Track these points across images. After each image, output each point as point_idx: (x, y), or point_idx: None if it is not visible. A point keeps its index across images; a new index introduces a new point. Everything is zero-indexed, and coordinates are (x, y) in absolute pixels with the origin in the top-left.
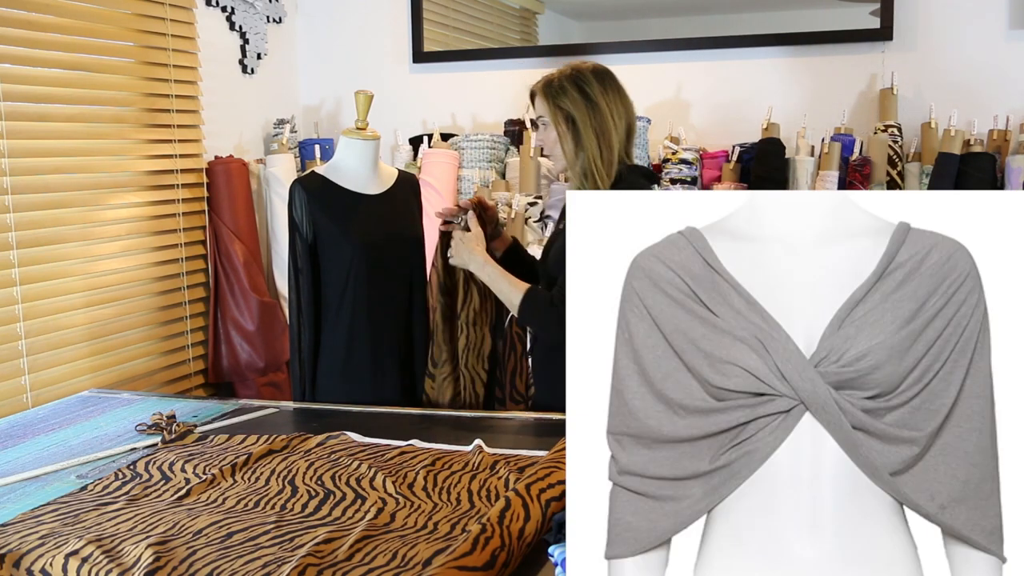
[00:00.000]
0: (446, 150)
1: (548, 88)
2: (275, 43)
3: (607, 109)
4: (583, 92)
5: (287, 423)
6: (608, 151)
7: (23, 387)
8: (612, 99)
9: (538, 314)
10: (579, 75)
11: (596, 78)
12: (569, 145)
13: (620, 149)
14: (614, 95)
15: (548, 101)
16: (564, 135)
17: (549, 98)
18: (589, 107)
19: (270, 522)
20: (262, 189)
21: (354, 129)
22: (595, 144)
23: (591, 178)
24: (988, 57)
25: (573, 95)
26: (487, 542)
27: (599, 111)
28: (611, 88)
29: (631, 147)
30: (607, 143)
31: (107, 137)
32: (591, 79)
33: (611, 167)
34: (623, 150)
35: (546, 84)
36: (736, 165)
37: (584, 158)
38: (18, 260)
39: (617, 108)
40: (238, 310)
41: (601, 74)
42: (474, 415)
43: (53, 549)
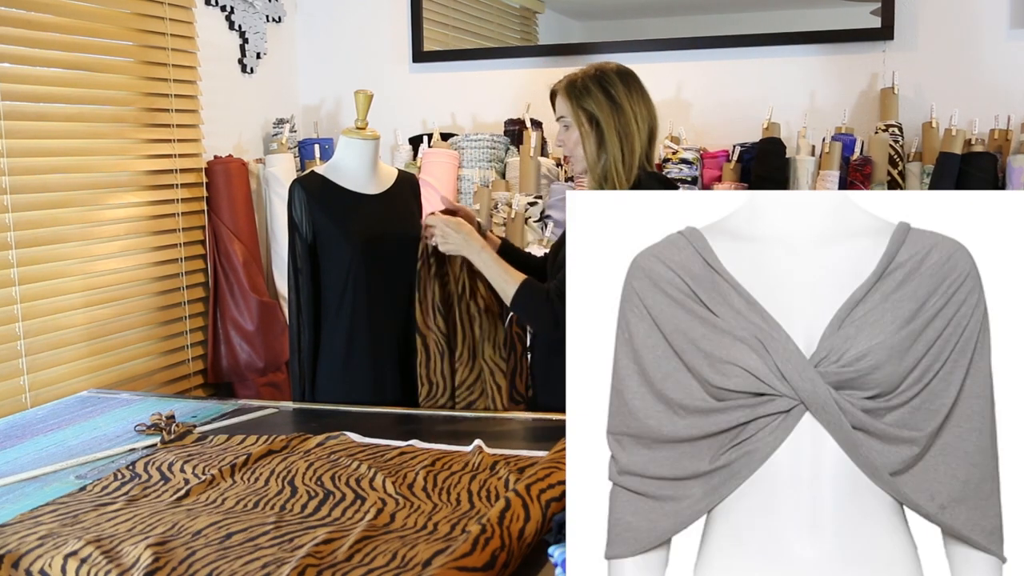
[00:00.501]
0: (446, 150)
1: (572, 88)
2: (275, 43)
3: (631, 111)
4: (607, 93)
5: (287, 423)
6: (630, 155)
7: (22, 387)
8: (636, 101)
9: (533, 306)
10: (604, 76)
11: (621, 79)
12: (592, 147)
13: (642, 153)
14: (638, 97)
15: (572, 101)
16: (587, 136)
17: (573, 98)
18: (613, 109)
19: (269, 523)
20: (261, 189)
21: (354, 129)
22: (618, 147)
23: (611, 181)
24: (989, 57)
25: (598, 96)
26: (487, 542)
27: (623, 113)
28: (635, 90)
29: (653, 151)
30: (630, 146)
31: (106, 137)
32: (616, 80)
33: (631, 171)
34: (644, 154)
35: (569, 84)
36: (736, 165)
37: (606, 160)
38: (17, 260)
39: (641, 111)
40: (237, 310)
41: (625, 75)
42: (474, 415)
43: (52, 550)
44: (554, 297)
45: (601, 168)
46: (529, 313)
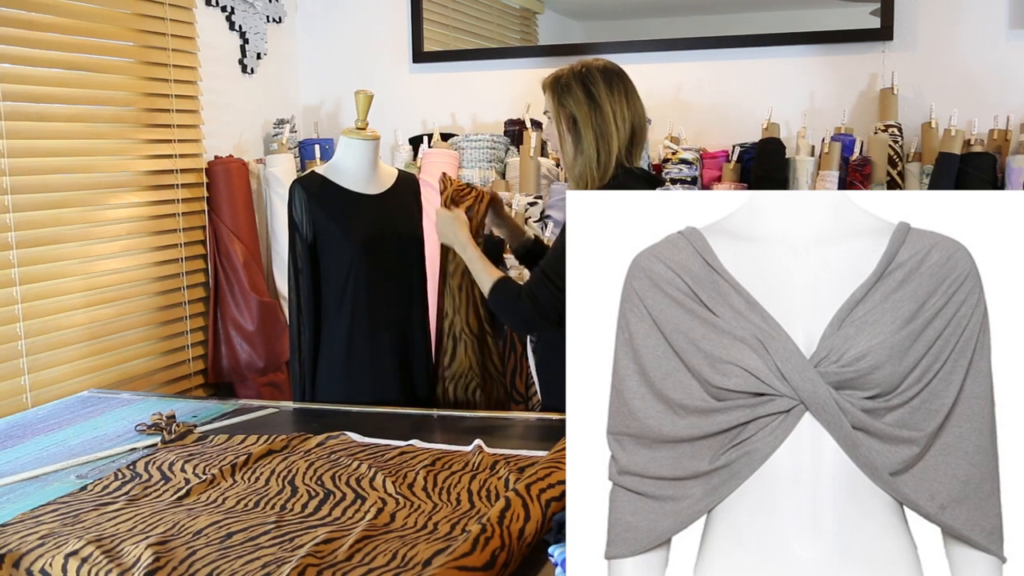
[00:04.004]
0: (446, 150)
1: (556, 84)
2: (275, 43)
3: (610, 110)
4: (588, 92)
5: (287, 423)
6: (607, 155)
7: (23, 387)
8: (617, 100)
9: (506, 303)
10: (587, 74)
11: (603, 77)
12: (569, 146)
13: (621, 153)
14: (620, 96)
15: (554, 98)
16: (564, 135)
17: (555, 95)
18: (592, 107)
19: (270, 522)
20: (262, 189)
21: (354, 129)
22: (593, 147)
23: (585, 180)
24: (988, 57)
25: (578, 94)
26: (487, 542)
27: (602, 112)
28: (618, 89)
29: (637, 150)
30: (607, 146)
31: (107, 137)
32: (598, 78)
33: (607, 171)
34: (625, 154)
35: (554, 80)
36: (736, 165)
37: (582, 161)
38: (18, 260)
39: (622, 110)
40: (238, 310)
41: (609, 73)
42: (474, 415)
43: (53, 549)
44: (525, 297)
45: (578, 169)
46: (502, 310)
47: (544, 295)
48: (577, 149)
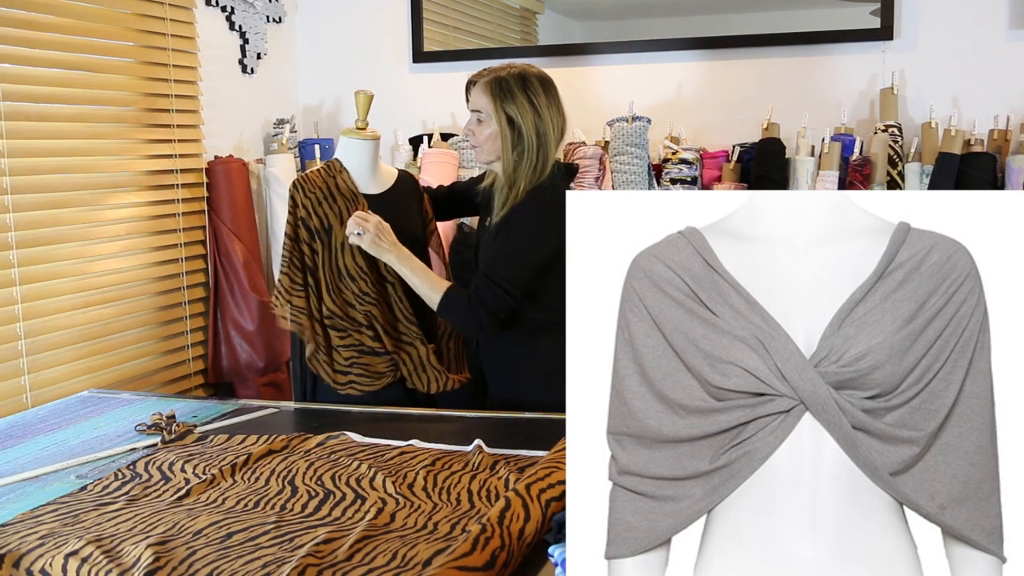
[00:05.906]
0: (446, 150)
1: (496, 87)
2: (275, 43)
3: (550, 120)
4: (531, 101)
5: (287, 423)
6: (543, 161)
7: (23, 387)
8: (555, 111)
9: (457, 313)
10: (528, 81)
11: (543, 87)
12: (508, 148)
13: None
14: (556, 106)
15: (495, 101)
16: (505, 137)
17: (496, 98)
18: (535, 116)
19: (270, 522)
20: (262, 189)
21: (354, 129)
22: (534, 152)
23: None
24: (988, 57)
25: (521, 102)
26: (487, 542)
27: (543, 121)
28: (553, 99)
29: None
30: (544, 152)
31: (107, 137)
32: (539, 89)
33: (541, 176)
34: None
35: (495, 82)
36: (736, 165)
37: (519, 163)
38: (18, 260)
39: (557, 120)
40: (238, 310)
41: (547, 83)
42: (474, 415)
43: (53, 549)
44: (476, 304)
45: (513, 168)
46: (455, 320)
47: (491, 298)
48: (516, 151)
